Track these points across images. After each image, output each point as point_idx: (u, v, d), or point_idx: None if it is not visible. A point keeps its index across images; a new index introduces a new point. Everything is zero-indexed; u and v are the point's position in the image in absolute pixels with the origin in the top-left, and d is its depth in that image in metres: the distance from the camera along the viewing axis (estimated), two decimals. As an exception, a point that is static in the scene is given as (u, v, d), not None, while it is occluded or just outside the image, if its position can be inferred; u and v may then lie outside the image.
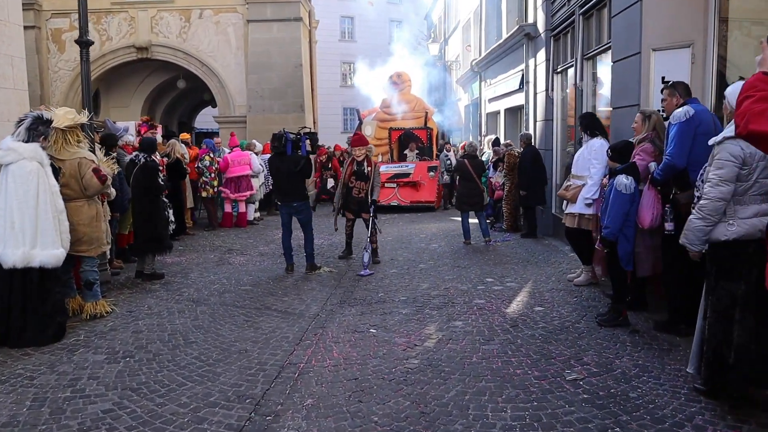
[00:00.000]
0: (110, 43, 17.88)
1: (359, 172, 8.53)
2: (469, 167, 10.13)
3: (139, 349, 5.04)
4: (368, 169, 8.51)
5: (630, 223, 5.14)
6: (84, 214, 5.85)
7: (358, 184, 8.53)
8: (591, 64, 8.81)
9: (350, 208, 8.73)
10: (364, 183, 8.49)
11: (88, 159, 5.90)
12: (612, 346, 4.86)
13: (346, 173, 8.65)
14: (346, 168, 8.70)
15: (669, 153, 4.90)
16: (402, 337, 5.26)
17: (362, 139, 8.90)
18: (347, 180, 8.60)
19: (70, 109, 5.98)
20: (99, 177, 5.85)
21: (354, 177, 8.55)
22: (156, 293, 6.99)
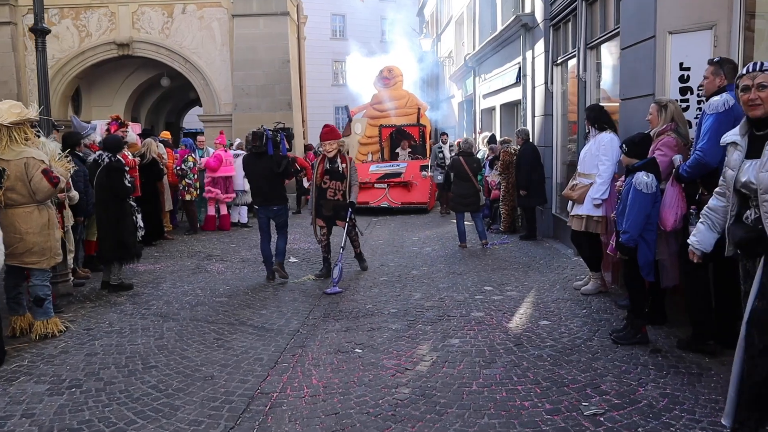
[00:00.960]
0: (90, 39, 17.17)
1: (332, 170, 7.42)
2: (465, 165, 9.49)
3: (89, 377, 4.38)
4: (342, 165, 7.40)
5: (651, 227, 4.51)
6: (33, 221, 5.17)
7: (332, 185, 7.43)
8: (595, 53, 8.18)
9: (322, 214, 7.54)
10: (339, 182, 7.40)
11: (36, 159, 5.21)
12: (633, 370, 4.23)
13: (317, 173, 7.51)
14: (316, 167, 7.54)
15: (700, 148, 4.27)
16: (391, 359, 4.62)
17: (333, 132, 7.51)
18: (319, 180, 7.49)
19: (16, 103, 5.32)
20: (50, 179, 5.17)
21: (327, 176, 7.46)
22: (121, 307, 6.32)
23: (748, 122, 3.14)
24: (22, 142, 5.19)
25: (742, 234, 3.08)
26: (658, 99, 5.32)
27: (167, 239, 10.66)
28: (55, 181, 5.22)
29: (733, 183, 3.12)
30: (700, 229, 3.48)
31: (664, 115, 5.15)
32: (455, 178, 9.73)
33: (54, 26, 17.02)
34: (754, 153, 3.04)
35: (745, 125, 3.16)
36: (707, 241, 3.45)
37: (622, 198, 4.62)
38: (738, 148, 3.15)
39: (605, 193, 6.02)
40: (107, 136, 7.31)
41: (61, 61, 17.00)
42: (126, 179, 6.84)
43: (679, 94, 5.48)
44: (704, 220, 3.47)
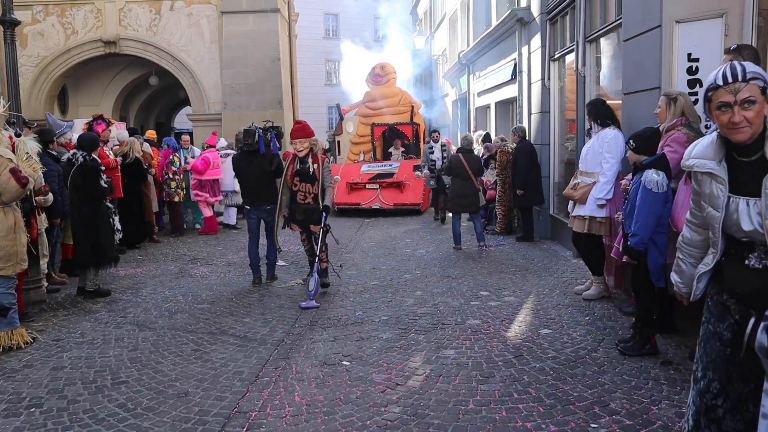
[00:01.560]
0: (76, 36, 16.73)
1: (302, 171, 6.66)
2: (464, 162, 9.12)
3: (52, 394, 4.02)
4: (314, 166, 6.64)
5: (662, 229, 4.18)
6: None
7: (302, 187, 6.67)
8: (595, 47, 7.86)
9: (295, 219, 6.84)
10: (310, 185, 6.64)
11: (3, 157, 4.86)
12: (644, 385, 3.89)
13: (287, 174, 6.76)
14: (286, 167, 6.79)
15: None
16: (381, 373, 4.27)
17: (304, 129, 6.68)
18: (290, 182, 6.75)
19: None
20: (18, 179, 4.80)
21: (297, 178, 6.70)
22: (95, 315, 5.95)
23: (725, 144, 2.32)
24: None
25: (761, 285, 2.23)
26: (668, 92, 4.99)
27: (154, 241, 10.29)
28: (24, 182, 4.85)
29: (721, 226, 2.31)
30: (682, 268, 2.66)
31: (673, 108, 4.83)
32: (454, 177, 9.34)
33: (39, 23, 16.67)
34: (743, 186, 2.26)
35: (721, 149, 2.33)
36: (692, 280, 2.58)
37: (630, 198, 4.29)
38: (717, 180, 2.31)
39: (609, 193, 5.69)
40: (82, 133, 6.92)
41: (46, 59, 16.58)
42: (102, 179, 6.46)
43: (688, 86, 5.15)
44: (684, 258, 2.63)
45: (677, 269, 2.70)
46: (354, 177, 14.59)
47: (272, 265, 7.40)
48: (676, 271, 2.71)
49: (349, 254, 9.09)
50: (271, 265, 7.39)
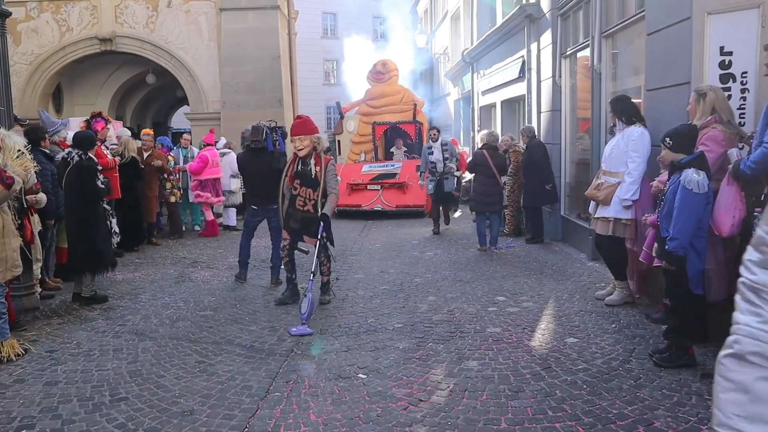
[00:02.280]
0: (71, 34, 16.37)
1: (303, 173, 5.90)
2: (489, 159, 8.79)
3: (44, 414, 3.70)
4: (316, 169, 5.86)
5: (702, 232, 3.89)
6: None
7: (302, 191, 5.90)
8: (611, 42, 7.57)
9: (289, 226, 6.03)
10: (311, 190, 5.85)
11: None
12: (687, 401, 3.60)
13: (286, 176, 6.01)
14: (286, 168, 6.07)
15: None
16: (401, 387, 3.97)
17: (306, 125, 5.92)
18: (289, 185, 6.00)
19: None
20: (1, 180, 4.48)
21: (297, 181, 5.94)
22: (92, 323, 5.63)
23: None
24: None
25: None
26: (698, 87, 4.71)
27: (153, 244, 9.96)
28: (8, 182, 4.53)
29: None
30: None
31: (702, 104, 4.55)
32: (477, 175, 8.98)
33: (33, 20, 16.32)
34: None
35: None
36: None
37: (667, 199, 3.99)
38: None
39: (636, 194, 5.39)
40: (77, 131, 6.59)
41: (40, 57, 16.24)
42: (99, 180, 6.14)
43: (720, 81, 4.88)
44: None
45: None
46: (355, 178, 14.14)
47: (277, 267, 7.02)
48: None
49: (355, 257, 8.79)
50: (275, 268, 7.06)
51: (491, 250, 8.79)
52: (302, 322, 5.26)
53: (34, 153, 6.17)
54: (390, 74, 17.11)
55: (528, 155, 9.26)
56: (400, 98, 16.87)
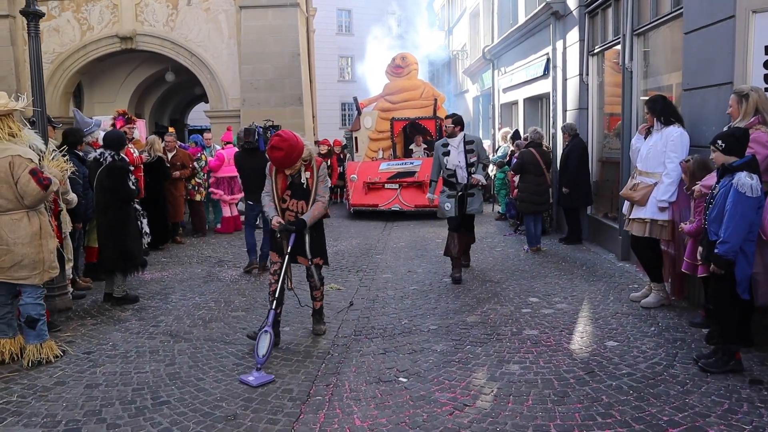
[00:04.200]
0: (91, 32, 16.47)
1: (294, 183, 4.98)
2: (539, 158, 8.66)
3: (89, 417, 3.70)
4: (306, 176, 4.95)
5: (752, 236, 3.82)
6: (22, 230, 4.48)
7: (292, 204, 4.99)
8: (642, 40, 7.47)
9: (276, 246, 5.06)
10: (303, 203, 4.96)
11: (23, 157, 4.49)
12: (738, 408, 3.53)
13: (277, 186, 5.01)
14: (274, 177, 5.01)
15: None
16: (444, 391, 3.93)
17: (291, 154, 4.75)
18: (280, 195, 5.03)
19: None
20: (39, 181, 4.47)
21: (288, 192, 5.01)
22: (125, 324, 5.64)
23: None
24: (5, 137, 4.50)
25: None
26: (739, 88, 4.63)
27: (177, 242, 10.00)
28: (46, 183, 4.51)
29: None
30: None
31: (745, 106, 4.49)
32: (525, 174, 8.77)
33: (54, 19, 16.41)
34: None
35: None
36: None
37: (717, 202, 3.91)
38: None
39: (673, 195, 5.31)
40: (108, 131, 6.59)
41: (62, 56, 16.34)
42: (130, 180, 6.15)
43: (764, 81, 4.81)
44: None
45: None
46: (372, 176, 13.61)
47: (265, 255, 7.50)
48: None
49: (380, 256, 8.77)
50: (264, 255, 7.56)
51: (530, 251, 8.68)
52: (258, 367, 4.23)
53: (68, 155, 6.21)
54: (409, 68, 16.29)
55: (566, 154, 9.01)
56: (420, 93, 16.06)
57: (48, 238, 4.68)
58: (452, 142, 7.10)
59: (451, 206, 7.06)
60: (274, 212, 4.96)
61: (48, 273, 4.67)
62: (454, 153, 7.07)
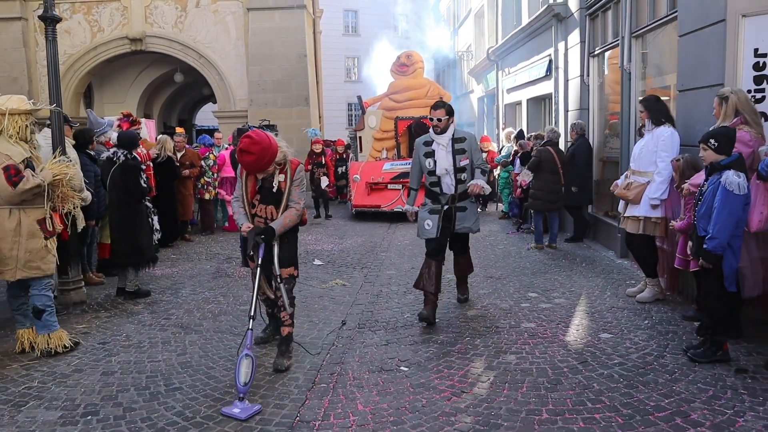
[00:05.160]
0: (102, 34, 16.78)
1: (265, 188, 4.47)
2: (556, 156, 8.80)
3: (106, 401, 3.91)
4: (279, 179, 4.44)
5: (739, 232, 3.99)
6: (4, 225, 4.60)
7: (262, 210, 4.48)
8: (641, 42, 7.64)
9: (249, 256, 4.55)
10: (273, 208, 4.45)
11: (2, 153, 4.56)
12: (722, 395, 3.71)
13: (246, 188, 4.51)
14: (244, 180, 4.52)
15: None
16: (443, 379, 4.13)
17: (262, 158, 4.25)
18: (249, 200, 4.52)
19: (21, 97, 4.82)
20: (8, 177, 4.49)
21: (258, 196, 4.50)
22: (138, 316, 5.86)
23: None
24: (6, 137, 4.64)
25: None
26: (721, 91, 4.81)
27: (187, 240, 10.23)
28: (15, 180, 4.51)
29: None
30: None
31: (725, 107, 4.67)
32: (541, 172, 8.83)
33: (65, 21, 16.66)
34: None
35: None
36: None
37: (705, 199, 4.09)
38: None
39: (665, 193, 5.49)
40: (121, 132, 6.82)
41: (72, 57, 16.64)
42: (142, 179, 6.37)
43: (754, 83, 4.98)
44: None
45: None
46: (375, 176, 13.39)
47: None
48: None
49: (385, 253, 8.96)
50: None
51: (552, 248, 8.82)
52: (240, 397, 3.72)
53: (79, 155, 6.43)
54: (414, 66, 15.84)
55: (572, 152, 9.10)
56: (426, 92, 15.56)
57: (28, 237, 4.68)
58: (439, 140, 5.45)
59: (433, 224, 5.46)
60: (244, 219, 4.49)
61: (23, 272, 4.67)
62: (442, 154, 5.44)
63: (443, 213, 5.50)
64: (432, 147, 5.50)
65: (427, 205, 5.62)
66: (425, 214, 5.56)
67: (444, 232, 5.51)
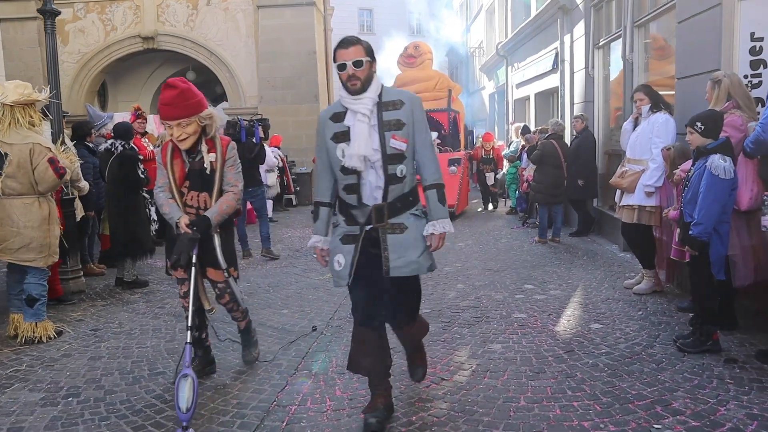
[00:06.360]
0: (115, 33, 16.94)
1: (195, 171, 3.76)
2: (559, 150, 8.73)
3: (89, 384, 3.94)
4: (210, 158, 3.73)
5: (726, 217, 3.91)
6: (33, 214, 4.76)
7: (193, 199, 3.78)
8: (643, 32, 7.53)
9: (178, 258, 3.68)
10: (207, 194, 3.74)
11: (43, 146, 4.82)
12: (707, 384, 3.63)
13: (174, 177, 3.75)
14: (170, 161, 3.76)
15: (761, 122, 3.72)
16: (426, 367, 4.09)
17: (183, 100, 3.57)
18: (178, 189, 3.77)
19: (22, 83, 4.91)
20: (56, 169, 4.76)
21: (187, 182, 3.78)
22: (133, 305, 5.91)
23: None
24: (26, 126, 4.79)
25: None
26: (714, 74, 4.71)
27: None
28: (61, 172, 4.82)
29: None
30: None
31: (717, 91, 4.57)
32: (544, 166, 8.77)
33: (80, 20, 16.92)
34: None
35: None
36: None
37: (692, 184, 4.01)
38: None
39: (659, 180, 5.40)
40: (117, 123, 6.90)
41: (86, 56, 16.83)
42: (139, 169, 6.42)
43: (750, 68, 4.88)
44: None
45: None
46: None
47: (266, 239, 8.29)
48: None
49: (387, 247, 8.93)
50: (265, 239, 8.29)
51: (556, 241, 8.76)
52: (183, 426, 3.12)
53: (78, 147, 6.51)
54: (422, 57, 15.04)
55: (576, 145, 8.96)
56: (434, 84, 14.72)
57: (54, 224, 4.94)
58: (355, 105, 3.10)
59: (345, 263, 3.19)
60: (179, 211, 3.70)
61: (51, 257, 4.92)
62: (360, 131, 3.08)
63: (362, 240, 3.15)
64: (345, 123, 3.12)
65: (339, 229, 3.26)
66: (337, 244, 3.24)
67: (367, 271, 3.14)
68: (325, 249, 3.34)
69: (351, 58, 3.05)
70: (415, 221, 3.23)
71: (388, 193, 3.15)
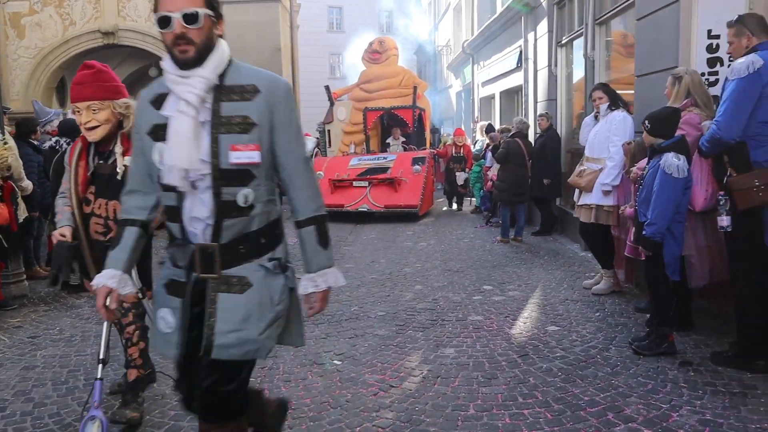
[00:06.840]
0: (74, 27, 16.44)
1: (101, 176, 3.28)
2: (523, 149, 8.62)
3: (18, 397, 3.71)
4: (125, 161, 3.17)
5: (680, 217, 3.83)
6: None
7: (100, 207, 3.31)
8: (604, 29, 7.49)
9: (87, 273, 3.62)
10: (118, 203, 2.88)
11: None
12: (661, 389, 3.54)
13: (75, 177, 3.29)
14: (74, 164, 3.30)
15: (716, 120, 3.64)
16: (374, 373, 3.95)
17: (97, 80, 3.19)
18: (81, 196, 3.30)
19: None
20: None
21: (92, 188, 3.30)
22: (77, 310, 5.65)
23: None
24: None
25: None
26: (676, 70, 4.65)
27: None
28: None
29: None
30: None
31: (677, 87, 4.49)
32: (508, 165, 8.64)
33: (37, 14, 16.38)
34: None
35: None
36: None
37: (646, 183, 3.94)
38: None
39: (617, 179, 5.34)
40: (62, 120, 6.61)
41: (44, 51, 16.30)
42: (85, 168, 6.14)
43: (707, 65, 4.81)
44: None
45: None
46: (340, 173, 12.15)
47: None
48: None
49: (348, 247, 8.78)
50: None
51: (518, 241, 8.67)
52: None
53: (21, 145, 6.21)
54: (388, 53, 14.65)
55: (542, 143, 8.88)
56: (399, 81, 14.36)
57: None
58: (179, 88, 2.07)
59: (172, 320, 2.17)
60: (65, 221, 3.29)
61: None
62: (182, 128, 2.04)
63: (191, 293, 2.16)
64: (164, 111, 2.12)
65: (165, 275, 2.27)
66: (162, 296, 2.25)
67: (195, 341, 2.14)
68: (116, 290, 2.18)
69: (179, 9, 1.98)
70: (266, 277, 2.13)
71: (221, 229, 2.07)
